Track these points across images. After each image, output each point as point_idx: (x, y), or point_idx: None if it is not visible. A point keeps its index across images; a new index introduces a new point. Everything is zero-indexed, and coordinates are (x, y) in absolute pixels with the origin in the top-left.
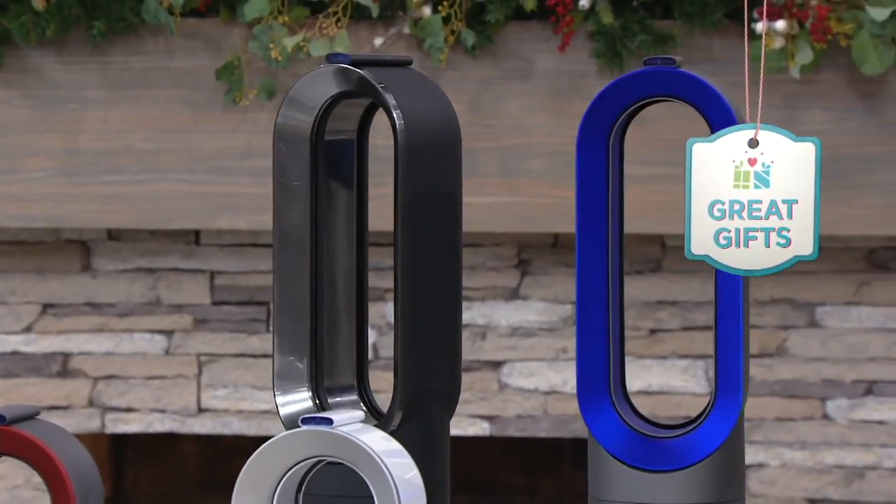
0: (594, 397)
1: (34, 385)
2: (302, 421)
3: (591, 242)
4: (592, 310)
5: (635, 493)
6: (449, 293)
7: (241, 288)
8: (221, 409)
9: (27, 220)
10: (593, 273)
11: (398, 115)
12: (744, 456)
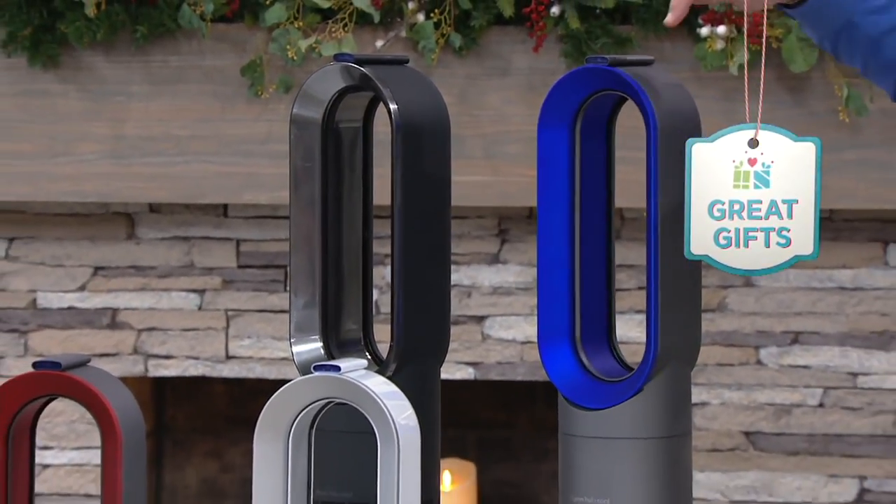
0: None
1: (87, 336)
2: (314, 368)
3: (551, 213)
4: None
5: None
6: (438, 258)
7: (262, 253)
8: (246, 356)
9: (80, 196)
10: (553, 240)
11: (394, 106)
12: (688, 396)
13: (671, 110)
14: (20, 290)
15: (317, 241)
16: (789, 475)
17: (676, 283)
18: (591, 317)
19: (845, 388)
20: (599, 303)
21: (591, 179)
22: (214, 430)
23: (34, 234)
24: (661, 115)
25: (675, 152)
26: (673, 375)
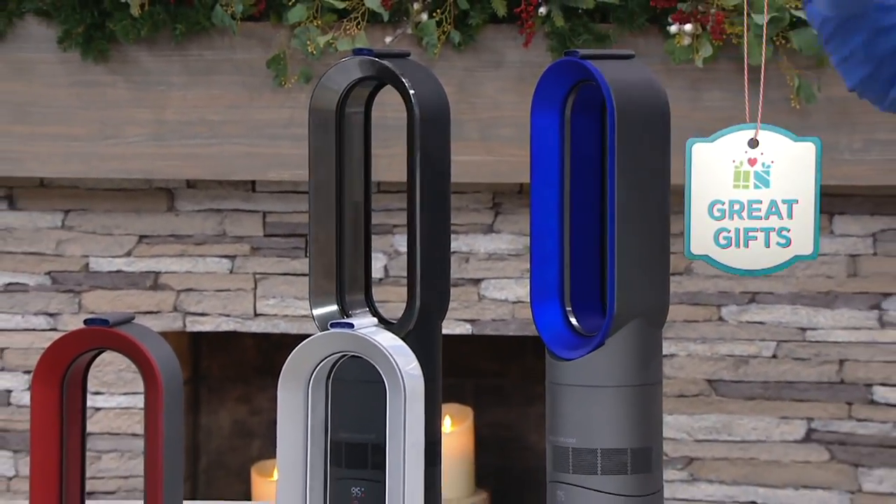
0: (542, 306)
1: (133, 296)
2: (330, 325)
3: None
4: (543, 240)
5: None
6: (443, 228)
7: (285, 224)
8: (272, 313)
9: (127, 173)
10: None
11: (413, 94)
12: (658, 350)
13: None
14: (75, 256)
15: (332, 213)
16: (746, 417)
17: (635, 251)
18: (580, 280)
19: (795, 341)
20: (589, 267)
21: (579, 157)
22: (244, 378)
23: (87, 206)
24: (619, 102)
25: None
26: (642, 331)
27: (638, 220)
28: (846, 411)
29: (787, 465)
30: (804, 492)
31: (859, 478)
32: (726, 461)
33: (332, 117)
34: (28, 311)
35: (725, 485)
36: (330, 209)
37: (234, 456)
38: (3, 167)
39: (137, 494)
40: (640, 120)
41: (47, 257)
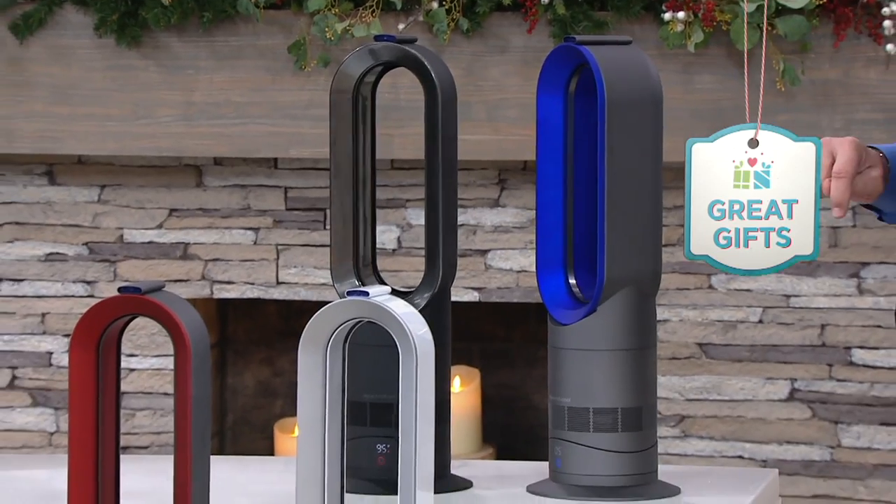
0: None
1: (164, 265)
2: (347, 293)
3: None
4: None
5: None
6: (454, 202)
7: (305, 198)
8: (293, 282)
9: (158, 151)
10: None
11: (436, 77)
12: (652, 316)
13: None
14: (110, 228)
15: (349, 189)
16: (734, 378)
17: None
18: (582, 250)
19: (780, 307)
20: (590, 238)
21: (582, 135)
22: (267, 342)
23: (121, 182)
24: (611, 84)
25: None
26: (633, 298)
27: (627, 194)
28: (827, 372)
29: (772, 422)
30: (788, 447)
31: (839, 434)
32: (715, 419)
33: (352, 99)
34: (67, 279)
35: (715, 441)
36: (349, 184)
37: (258, 414)
38: (44, 145)
39: (169, 449)
40: (632, 101)
41: (85, 229)
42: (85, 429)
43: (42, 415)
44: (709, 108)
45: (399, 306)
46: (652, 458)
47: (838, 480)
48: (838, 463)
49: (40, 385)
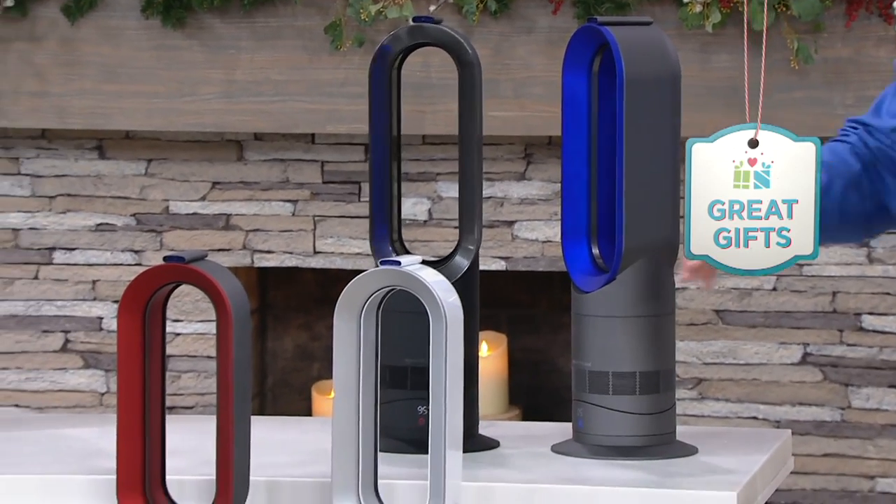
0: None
1: (207, 235)
2: (380, 262)
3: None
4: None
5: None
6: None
7: (341, 172)
8: (329, 251)
9: (202, 127)
10: (575, 160)
11: (472, 54)
12: (671, 284)
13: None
14: (157, 200)
15: (386, 162)
16: (749, 343)
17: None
18: (606, 221)
19: (793, 275)
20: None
21: (605, 111)
22: (305, 308)
23: (167, 156)
24: (630, 63)
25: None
26: (651, 267)
27: (645, 167)
28: (838, 337)
29: (785, 384)
30: (800, 408)
31: (849, 396)
32: (731, 382)
33: (387, 75)
34: (116, 248)
35: (730, 402)
36: (386, 158)
37: (297, 376)
38: (94, 121)
39: (212, 410)
40: (651, 79)
41: (132, 201)
42: (133, 390)
43: (93, 376)
44: (724, 85)
45: (429, 275)
46: (670, 420)
47: (848, 440)
48: (848, 423)
49: (91, 348)
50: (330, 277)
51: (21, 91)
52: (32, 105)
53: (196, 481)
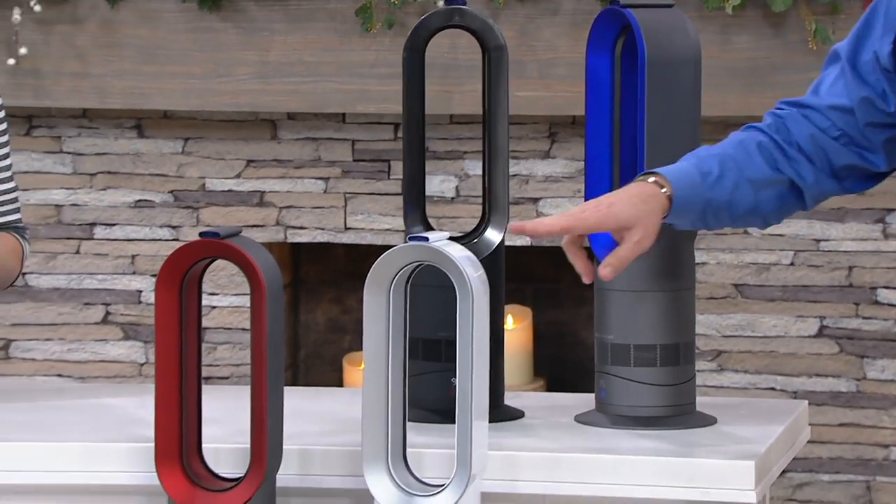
0: None
1: (241, 212)
2: (409, 238)
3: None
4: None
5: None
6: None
7: (371, 150)
8: (359, 227)
9: (236, 107)
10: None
11: (500, 36)
12: (691, 259)
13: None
14: (193, 177)
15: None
16: (767, 316)
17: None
18: None
19: (810, 250)
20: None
21: (628, 92)
22: (336, 282)
23: (203, 135)
24: (651, 44)
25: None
26: (674, 243)
27: (666, 145)
28: (854, 310)
29: (803, 356)
30: (817, 379)
31: (864, 367)
32: (750, 354)
33: (420, 56)
34: (154, 223)
35: (749, 374)
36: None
37: (329, 348)
38: (133, 101)
39: (247, 380)
40: (672, 60)
41: (170, 178)
42: (170, 361)
43: (132, 347)
44: (744, 66)
45: (456, 250)
46: (690, 391)
47: (864, 410)
48: (864, 394)
49: (131, 320)
50: (360, 252)
51: (63, 72)
52: (74, 85)
53: (231, 449)
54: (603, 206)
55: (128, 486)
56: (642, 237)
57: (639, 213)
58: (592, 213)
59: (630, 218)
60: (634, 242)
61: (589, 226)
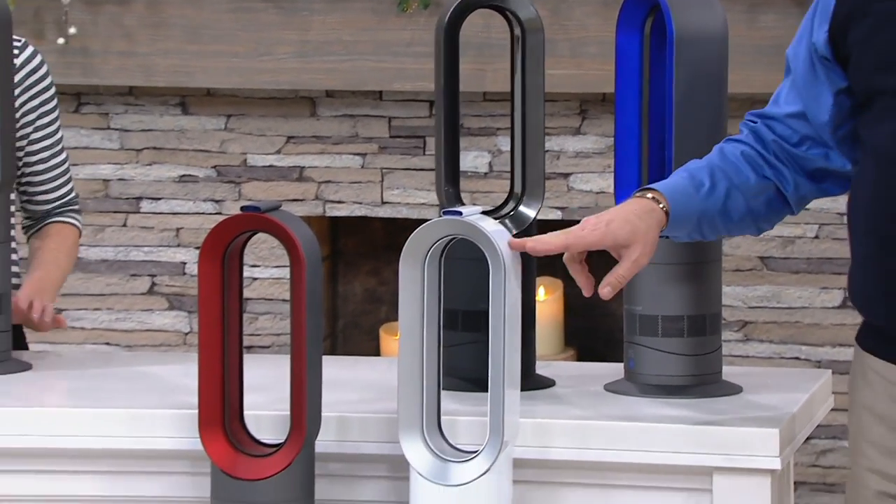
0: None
1: (282, 186)
2: (442, 213)
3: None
4: (625, 138)
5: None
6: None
7: (407, 127)
8: (396, 201)
9: (276, 84)
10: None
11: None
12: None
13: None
14: (235, 153)
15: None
16: (792, 288)
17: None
18: (656, 173)
19: (834, 224)
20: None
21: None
22: (373, 254)
23: (245, 112)
24: (679, 23)
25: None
26: None
27: (694, 122)
28: None
29: (826, 327)
30: (840, 349)
31: None
32: (775, 324)
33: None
34: (198, 197)
35: (774, 344)
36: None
37: (366, 318)
38: (177, 79)
39: (287, 349)
40: (700, 38)
41: (213, 154)
42: (213, 330)
43: (177, 317)
44: (770, 44)
45: (489, 224)
46: (716, 360)
47: None
48: None
49: (176, 291)
50: (396, 226)
51: (110, 51)
52: (121, 64)
53: (272, 416)
54: (601, 225)
55: (172, 451)
56: (640, 255)
57: (636, 230)
58: (591, 231)
59: (628, 236)
60: (632, 261)
61: (587, 243)
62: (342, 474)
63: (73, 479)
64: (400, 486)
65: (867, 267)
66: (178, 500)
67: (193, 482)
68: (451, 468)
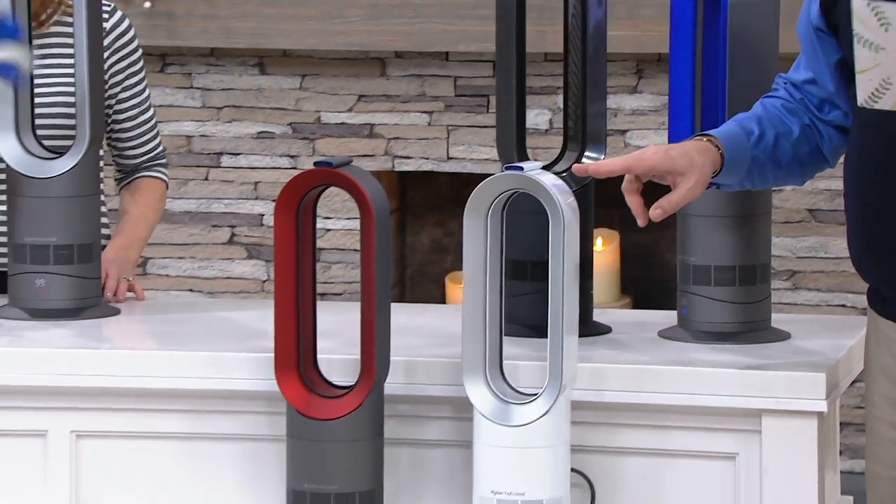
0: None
1: (353, 143)
2: (505, 168)
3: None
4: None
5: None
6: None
7: (472, 86)
8: (461, 157)
9: (348, 45)
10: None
11: None
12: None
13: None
14: (310, 111)
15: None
16: (839, 239)
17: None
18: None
19: None
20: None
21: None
22: (440, 207)
23: (319, 72)
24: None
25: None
26: None
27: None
28: None
29: None
30: None
31: None
32: (822, 273)
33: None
34: (275, 153)
35: (821, 292)
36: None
37: (433, 268)
38: (256, 40)
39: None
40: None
41: (289, 112)
42: (288, 279)
43: (255, 265)
44: None
45: (549, 179)
46: (766, 308)
47: None
48: None
49: (254, 241)
50: (462, 180)
51: (193, 14)
52: (203, 26)
53: (343, 360)
54: (661, 151)
55: (250, 392)
56: (693, 185)
57: (694, 162)
58: (651, 155)
59: (686, 164)
60: (687, 189)
61: (648, 167)
62: (409, 415)
63: (158, 417)
64: (464, 426)
65: (855, 230)
66: (256, 438)
67: (270, 421)
68: (512, 410)
